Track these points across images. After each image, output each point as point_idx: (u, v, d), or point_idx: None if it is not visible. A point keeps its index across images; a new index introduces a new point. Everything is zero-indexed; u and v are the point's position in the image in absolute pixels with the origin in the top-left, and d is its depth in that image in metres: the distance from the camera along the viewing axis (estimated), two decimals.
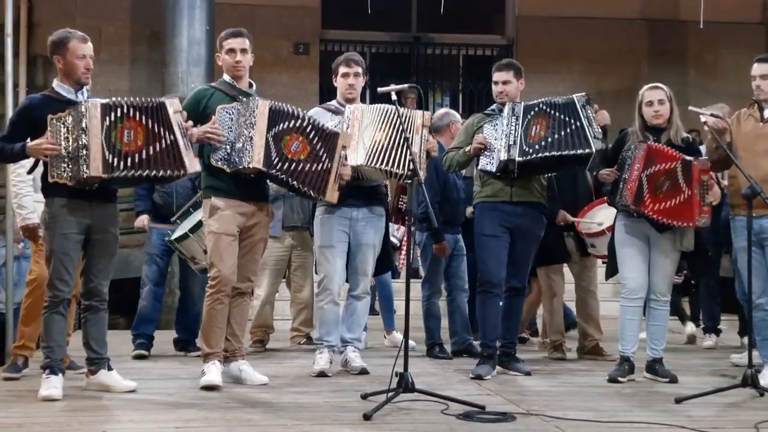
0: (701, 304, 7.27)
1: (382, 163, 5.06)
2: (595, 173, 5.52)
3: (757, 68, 5.12)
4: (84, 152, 4.38)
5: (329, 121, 5.22)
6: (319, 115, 5.37)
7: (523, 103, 5.29)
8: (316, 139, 4.87)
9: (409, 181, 4.70)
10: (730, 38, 12.10)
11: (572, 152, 5.09)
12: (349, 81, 5.38)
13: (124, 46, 11.41)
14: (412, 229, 5.53)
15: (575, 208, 6.21)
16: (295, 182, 4.83)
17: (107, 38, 10.85)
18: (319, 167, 4.85)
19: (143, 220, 6.24)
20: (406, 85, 5.21)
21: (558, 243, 6.15)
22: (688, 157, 5.06)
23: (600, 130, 5.17)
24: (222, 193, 4.86)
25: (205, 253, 5.15)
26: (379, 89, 4.95)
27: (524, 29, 12.67)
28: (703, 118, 4.91)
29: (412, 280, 4.55)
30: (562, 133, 5.12)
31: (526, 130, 5.18)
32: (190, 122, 4.62)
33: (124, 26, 11.45)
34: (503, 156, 5.18)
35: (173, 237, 5.85)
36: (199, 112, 4.87)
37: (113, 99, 4.56)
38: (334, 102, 5.50)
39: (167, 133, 4.49)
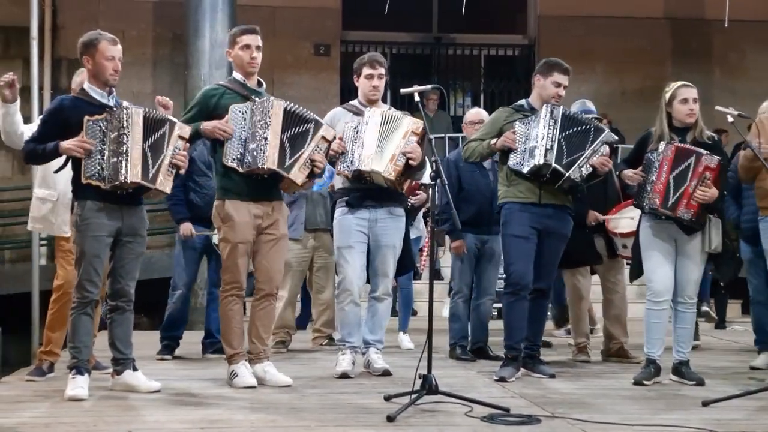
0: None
1: (381, 168, 5.08)
2: (618, 173, 5.47)
3: None
4: (124, 157, 4.43)
5: (350, 122, 5.22)
6: (340, 115, 5.38)
7: (562, 107, 5.22)
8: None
9: (433, 182, 4.71)
10: (755, 37, 12.01)
11: (560, 168, 5.12)
12: (373, 83, 5.36)
13: (147, 48, 11.51)
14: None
15: (605, 209, 6.16)
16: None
17: (130, 41, 10.91)
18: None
19: (188, 228, 6.12)
20: (429, 86, 5.19)
21: (588, 245, 6.10)
22: (702, 151, 5.02)
23: (588, 171, 5.16)
24: (235, 195, 4.86)
25: None
26: (402, 90, 4.95)
27: (546, 29, 12.62)
28: (730, 118, 4.85)
29: (435, 282, 4.52)
30: (573, 149, 5.16)
31: (569, 139, 5.14)
32: (185, 152, 4.69)
33: (146, 29, 11.55)
34: (539, 160, 5.10)
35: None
36: (209, 110, 4.88)
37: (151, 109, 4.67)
38: (355, 102, 5.49)
39: (165, 151, 4.59)
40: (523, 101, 5.46)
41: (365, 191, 5.23)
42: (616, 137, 5.25)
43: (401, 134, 5.11)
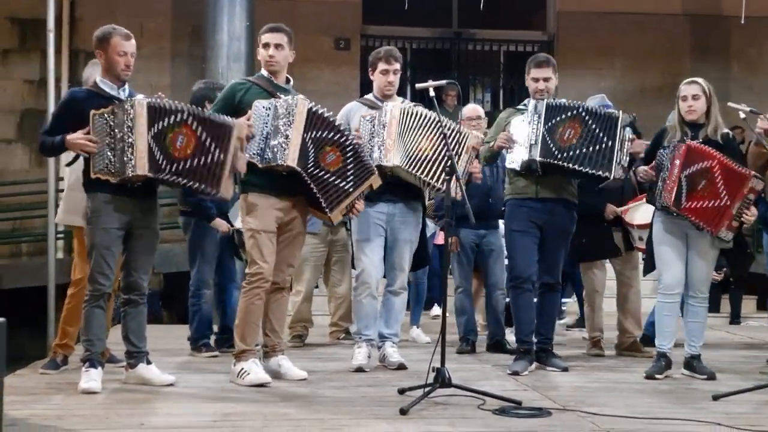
0: None
1: (422, 172, 5.08)
2: (633, 170, 5.47)
3: None
4: (130, 150, 4.43)
5: (366, 115, 5.23)
6: (355, 109, 5.40)
7: (546, 101, 5.24)
8: (349, 153, 4.90)
9: (448, 177, 4.72)
10: None
11: (590, 171, 5.09)
12: (389, 78, 5.38)
13: (165, 41, 11.52)
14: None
15: (622, 203, 6.18)
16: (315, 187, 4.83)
17: (148, 34, 10.96)
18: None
19: (224, 225, 5.95)
20: (444, 81, 5.21)
21: (606, 238, 6.13)
22: (742, 169, 4.99)
23: (627, 158, 5.12)
24: (257, 189, 4.86)
25: None
26: (418, 85, 4.96)
27: (565, 25, 12.58)
28: (742, 114, 4.84)
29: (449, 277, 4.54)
30: (591, 148, 5.10)
31: (553, 131, 5.15)
32: (246, 155, 4.66)
33: (165, 22, 11.56)
34: (525, 155, 5.18)
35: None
36: (234, 105, 4.89)
37: (171, 101, 4.58)
38: (370, 96, 5.51)
39: (220, 153, 4.54)
40: (526, 100, 5.48)
41: (384, 185, 5.24)
42: (634, 116, 5.23)
43: (460, 146, 5.11)
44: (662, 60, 12.18)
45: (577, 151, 5.11)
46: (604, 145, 5.09)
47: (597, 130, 5.12)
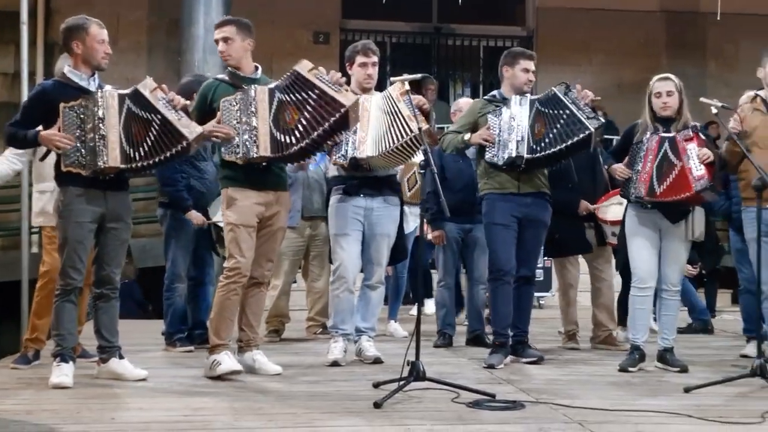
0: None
1: (388, 145, 5.04)
2: (607, 167, 5.52)
3: None
4: (101, 142, 4.40)
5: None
6: None
7: (529, 96, 5.30)
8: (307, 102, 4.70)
9: (422, 171, 4.72)
10: (749, 29, 11.99)
11: (573, 140, 5.09)
12: (368, 71, 5.36)
13: (142, 34, 11.45)
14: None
15: (594, 198, 6.21)
16: (307, 142, 4.66)
17: (125, 26, 10.89)
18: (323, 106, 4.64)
19: (199, 217, 5.89)
20: (419, 75, 5.20)
21: (579, 234, 6.16)
22: (667, 134, 5.07)
23: (590, 108, 5.14)
24: (237, 183, 4.84)
25: None
26: (392, 78, 4.97)
27: (545, 20, 12.64)
28: (714, 110, 4.87)
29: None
30: (558, 126, 5.14)
31: (533, 127, 5.19)
32: (171, 93, 4.59)
33: (141, 14, 11.49)
34: (513, 152, 5.20)
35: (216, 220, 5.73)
36: (207, 107, 4.87)
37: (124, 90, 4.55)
38: None
39: (155, 115, 4.48)
40: (495, 92, 5.52)
41: (362, 179, 5.25)
42: (565, 83, 5.25)
43: (395, 102, 5.05)
44: (639, 56, 12.26)
45: (551, 135, 5.15)
46: (565, 116, 5.13)
47: (551, 111, 5.17)
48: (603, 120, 5.16)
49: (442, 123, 11.05)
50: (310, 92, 4.65)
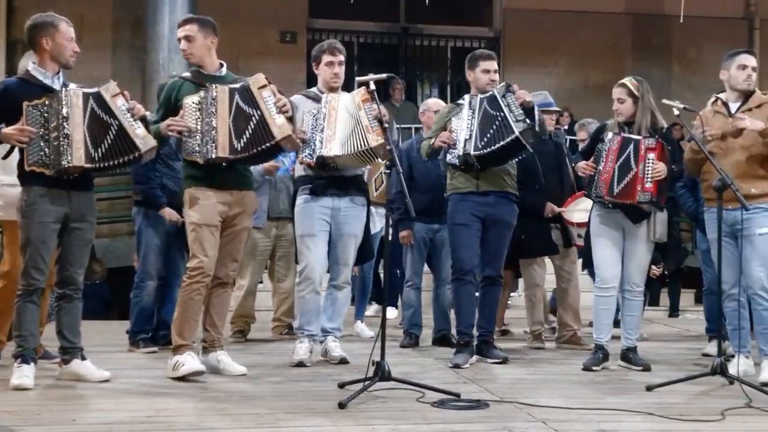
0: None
1: (351, 149, 5.06)
2: (573, 165, 5.57)
3: (750, 59, 5.09)
4: (65, 141, 4.35)
5: (309, 110, 5.22)
6: (300, 102, 5.36)
7: (479, 96, 5.35)
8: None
9: (388, 171, 4.73)
10: (713, 33, 12.17)
11: (503, 142, 5.17)
12: (334, 70, 5.36)
13: (107, 32, 11.35)
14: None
15: (561, 200, 6.26)
16: (254, 153, 4.73)
17: (89, 24, 10.76)
18: (255, 121, 4.72)
19: (173, 214, 5.81)
20: (384, 75, 5.20)
21: (545, 235, 6.21)
22: (635, 136, 5.14)
23: (521, 111, 5.19)
24: (200, 183, 4.81)
25: None
26: (358, 78, 4.97)
27: (511, 22, 12.71)
28: (675, 111, 4.93)
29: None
30: (494, 126, 5.22)
31: (481, 125, 5.25)
32: (133, 102, 4.58)
33: (106, 12, 11.39)
34: (461, 151, 5.28)
35: None
36: (171, 105, 4.85)
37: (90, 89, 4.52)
38: (314, 89, 5.49)
39: (113, 120, 4.48)
40: (465, 96, 5.52)
41: (329, 179, 5.24)
42: (506, 84, 5.30)
43: (356, 109, 5.09)
44: (606, 58, 12.38)
45: (488, 135, 5.22)
46: (499, 118, 5.20)
47: (491, 111, 5.24)
48: (531, 123, 5.18)
49: (410, 123, 11.12)
50: (254, 110, 4.73)
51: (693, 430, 3.78)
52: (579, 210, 6.12)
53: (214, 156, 4.69)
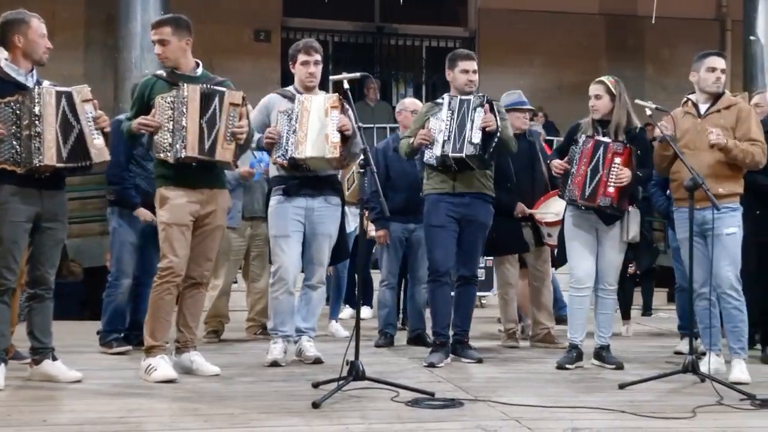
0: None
1: (319, 152, 5.07)
2: (548, 162, 5.60)
3: (719, 62, 5.13)
4: (37, 140, 4.31)
5: (283, 110, 5.21)
6: (274, 101, 5.35)
7: (459, 97, 5.36)
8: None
9: (362, 170, 4.72)
10: (685, 34, 12.28)
11: (461, 154, 5.22)
12: (310, 69, 5.34)
13: (79, 30, 11.26)
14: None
15: (533, 199, 6.29)
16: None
17: (61, 22, 10.67)
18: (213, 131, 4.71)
19: (148, 214, 5.73)
20: (358, 74, 5.20)
21: (516, 234, 6.23)
22: (604, 139, 5.18)
23: (479, 133, 5.21)
24: (172, 182, 4.78)
25: None
26: (332, 77, 4.96)
27: (486, 22, 12.76)
28: (648, 111, 4.97)
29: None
30: (459, 134, 5.26)
31: (461, 126, 5.25)
32: (101, 112, 4.56)
33: (78, 10, 11.30)
34: (438, 152, 5.30)
35: None
36: (144, 103, 4.82)
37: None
38: (290, 88, 5.47)
39: (77, 124, 4.47)
40: (444, 95, 5.52)
41: (303, 179, 5.22)
42: (486, 96, 5.32)
43: (324, 115, 5.10)
44: (580, 58, 12.45)
45: (461, 140, 5.25)
46: (466, 129, 5.23)
47: (465, 118, 5.27)
48: (481, 152, 5.22)
49: (385, 123, 11.13)
50: (219, 119, 4.70)
51: (665, 428, 3.80)
52: (550, 211, 6.16)
53: (183, 155, 4.67)
